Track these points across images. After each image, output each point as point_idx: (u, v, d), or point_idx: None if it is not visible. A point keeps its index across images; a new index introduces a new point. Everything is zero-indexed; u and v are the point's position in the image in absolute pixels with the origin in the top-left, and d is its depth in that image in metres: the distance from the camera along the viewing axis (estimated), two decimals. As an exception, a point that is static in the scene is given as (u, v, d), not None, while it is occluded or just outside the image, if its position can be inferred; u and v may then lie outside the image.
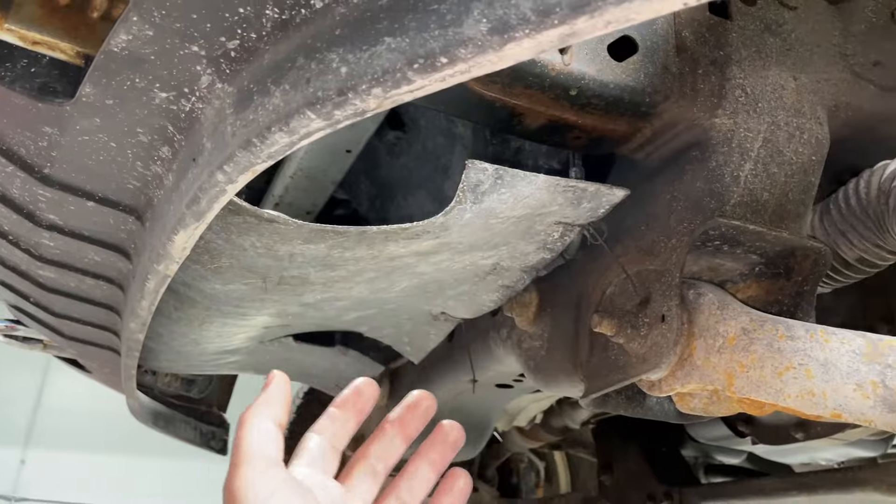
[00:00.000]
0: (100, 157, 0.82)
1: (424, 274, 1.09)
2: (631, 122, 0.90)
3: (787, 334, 0.83)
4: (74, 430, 8.61)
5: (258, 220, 0.83)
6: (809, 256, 0.92)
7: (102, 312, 1.32)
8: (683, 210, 0.91)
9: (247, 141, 0.62)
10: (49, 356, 2.15)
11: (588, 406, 1.02)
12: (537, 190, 0.86)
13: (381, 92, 0.54)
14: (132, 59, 0.67)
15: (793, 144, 0.93)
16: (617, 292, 0.99)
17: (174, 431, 2.08)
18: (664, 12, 0.46)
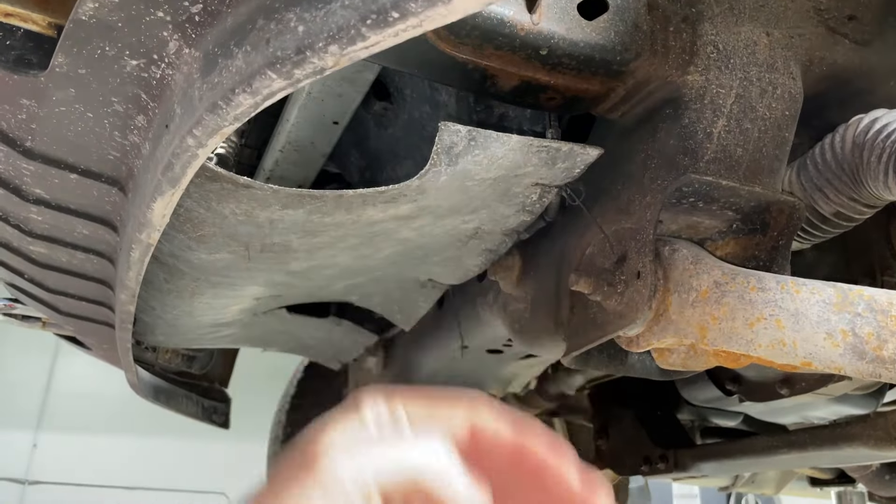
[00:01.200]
0: (78, 128, 0.84)
1: (408, 240, 1.10)
2: (604, 81, 0.91)
3: (758, 286, 0.84)
4: (85, 413, 8.71)
5: (235, 186, 0.84)
6: (784, 211, 0.93)
7: (95, 287, 1.34)
8: (657, 168, 0.92)
9: (213, 104, 0.64)
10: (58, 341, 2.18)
11: (570, 364, 1.04)
12: (511, 151, 0.87)
13: (338, 49, 0.55)
14: (101, 27, 0.67)
15: (766, 100, 0.93)
16: (596, 252, 1.00)
17: (176, 406, 2.11)
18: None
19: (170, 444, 8.74)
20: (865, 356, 0.80)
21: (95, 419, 8.74)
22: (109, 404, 8.27)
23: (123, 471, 8.85)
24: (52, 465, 8.69)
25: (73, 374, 8.63)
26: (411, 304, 1.39)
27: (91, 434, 8.85)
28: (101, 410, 8.56)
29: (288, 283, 1.23)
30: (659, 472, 1.90)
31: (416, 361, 1.58)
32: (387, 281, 1.30)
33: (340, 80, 1.46)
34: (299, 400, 2.47)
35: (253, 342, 1.77)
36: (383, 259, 1.17)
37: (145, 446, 8.89)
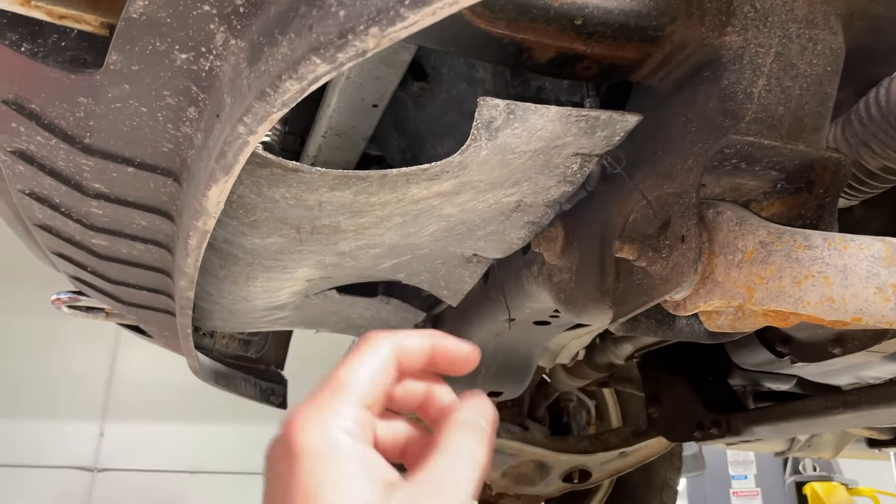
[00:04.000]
0: (133, 122, 0.87)
1: (451, 216, 1.12)
2: (640, 48, 0.91)
3: (804, 244, 0.84)
4: (147, 401, 9.01)
5: (284, 171, 0.87)
6: (829, 168, 0.93)
7: (155, 276, 1.39)
8: (698, 131, 0.92)
9: (261, 92, 0.66)
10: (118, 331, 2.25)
11: (618, 331, 1.05)
12: (550, 122, 0.89)
13: (378, 31, 0.57)
14: (151, 24, 0.71)
15: (806, 56, 0.92)
16: (639, 219, 1.01)
17: (235, 388, 2.18)
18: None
19: (228, 429, 9.00)
20: (917, 309, 0.80)
21: (157, 406, 9.04)
22: (170, 392, 8.55)
23: (186, 455, 9.15)
24: (118, 453, 9.03)
25: (134, 364, 8.91)
26: (457, 280, 1.41)
27: (154, 421, 9.17)
28: (163, 398, 8.84)
29: (337, 263, 1.27)
30: (712, 438, 1.90)
31: (464, 335, 1.60)
32: (432, 258, 1.33)
33: (378, 63, 1.49)
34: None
35: (306, 324, 1.82)
36: (428, 236, 1.20)
37: (205, 431, 9.17)
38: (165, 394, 8.82)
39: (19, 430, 8.60)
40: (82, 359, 9.00)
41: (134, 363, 8.92)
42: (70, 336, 8.64)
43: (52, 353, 8.84)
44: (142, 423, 9.21)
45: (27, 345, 8.67)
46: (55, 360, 8.87)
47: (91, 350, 8.96)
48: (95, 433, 9.11)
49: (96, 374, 9.10)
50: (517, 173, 1.01)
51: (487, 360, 1.66)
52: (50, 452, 8.74)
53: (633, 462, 2.30)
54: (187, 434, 9.27)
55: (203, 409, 8.65)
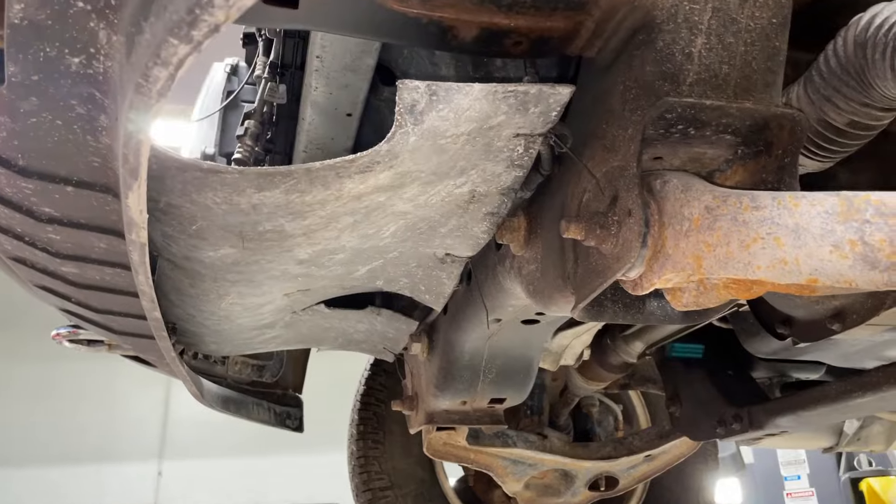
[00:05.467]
0: (54, 137, 0.86)
1: (407, 213, 1.09)
2: (567, 17, 0.87)
3: (752, 205, 0.78)
4: (204, 438, 9.14)
5: (203, 173, 0.85)
6: (785, 126, 0.87)
7: (135, 301, 1.38)
8: (636, 98, 0.87)
9: (137, 84, 0.64)
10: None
11: (581, 317, 1.00)
12: (476, 100, 0.85)
13: (224, 2, 0.54)
14: (34, 28, 0.69)
15: (747, 9, 0.87)
16: (591, 197, 0.96)
17: (247, 414, 2.17)
18: None
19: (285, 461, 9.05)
20: (879, 265, 0.73)
21: (213, 443, 9.16)
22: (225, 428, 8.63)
23: (246, 490, 9.23)
24: (177, 491, 9.16)
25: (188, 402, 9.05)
26: (436, 283, 1.37)
27: (210, 458, 9.28)
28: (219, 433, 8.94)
29: (305, 273, 1.24)
30: (735, 433, 1.80)
31: (456, 342, 1.56)
32: (405, 261, 1.29)
33: (343, 71, 1.47)
34: (368, 398, 2.50)
35: (302, 342, 1.80)
36: (391, 237, 1.16)
37: (261, 465, 9.24)
38: (220, 430, 8.92)
39: (81, 473, 8.80)
40: (138, 400, 9.21)
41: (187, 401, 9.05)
42: (125, 378, 8.84)
43: (110, 397, 9.06)
44: (199, 461, 9.34)
45: (86, 389, 8.91)
46: (113, 403, 9.09)
47: (146, 391, 9.15)
48: (154, 473, 9.26)
49: (152, 415, 9.28)
50: (460, 160, 0.97)
51: (484, 366, 1.61)
52: (111, 493, 8.91)
53: (661, 465, 2.20)
54: (244, 469, 9.36)
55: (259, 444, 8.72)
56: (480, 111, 0.86)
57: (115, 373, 8.54)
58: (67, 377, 8.72)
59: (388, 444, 2.42)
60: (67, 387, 8.75)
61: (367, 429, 2.42)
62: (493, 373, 1.62)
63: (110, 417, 9.05)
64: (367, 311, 1.63)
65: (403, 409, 1.85)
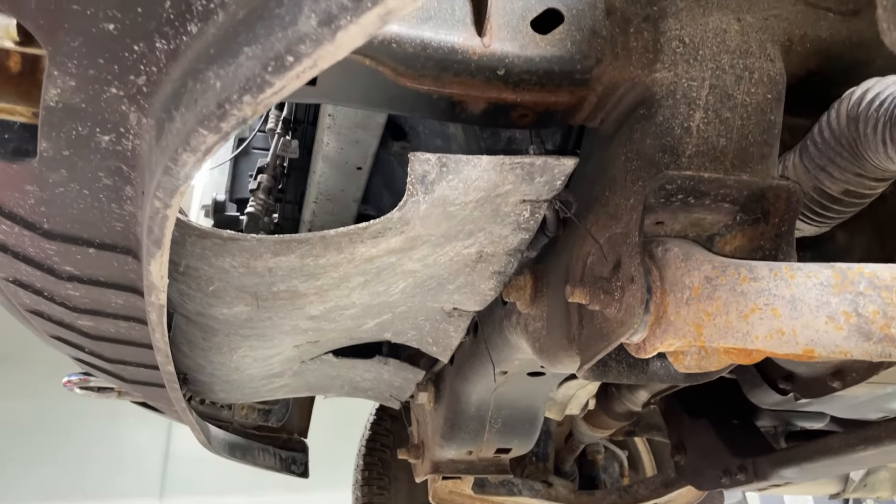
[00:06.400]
0: (80, 205, 0.90)
1: (416, 272, 1.12)
2: (572, 92, 0.91)
3: (749, 276, 0.81)
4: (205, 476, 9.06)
5: (223, 241, 0.88)
6: (781, 196, 0.90)
7: (147, 352, 1.41)
8: (638, 169, 0.91)
9: (166, 167, 0.68)
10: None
11: (586, 377, 1.02)
12: (484, 171, 0.89)
13: (251, 98, 0.58)
14: (68, 110, 0.74)
15: (743, 86, 0.91)
16: (595, 261, 0.99)
17: (252, 460, 2.18)
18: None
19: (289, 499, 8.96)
20: (872, 336, 0.76)
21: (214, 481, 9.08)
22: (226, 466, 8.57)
23: (245, 529, 9.12)
24: (177, 529, 9.05)
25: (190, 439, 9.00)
26: (443, 335, 1.40)
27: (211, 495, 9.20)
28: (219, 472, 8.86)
29: (315, 327, 1.27)
30: (739, 484, 1.81)
31: (462, 392, 1.58)
32: (413, 314, 1.32)
33: (354, 128, 1.52)
34: (373, 443, 2.50)
35: (310, 389, 1.82)
36: (400, 293, 1.19)
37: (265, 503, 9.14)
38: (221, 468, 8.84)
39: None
40: (139, 437, 9.15)
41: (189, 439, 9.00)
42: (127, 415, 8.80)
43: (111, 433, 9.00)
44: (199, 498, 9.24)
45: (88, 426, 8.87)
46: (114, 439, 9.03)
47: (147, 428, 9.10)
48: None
49: (153, 452, 9.22)
50: (468, 224, 1.00)
51: (490, 416, 1.62)
52: (111, 531, 8.81)
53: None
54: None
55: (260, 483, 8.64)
56: (488, 181, 0.90)
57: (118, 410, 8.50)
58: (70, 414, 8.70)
59: (394, 490, 2.42)
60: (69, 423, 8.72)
61: (373, 475, 2.42)
62: (498, 423, 1.64)
63: (112, 454, 8.99)
64: (375, 360, 1.66)
65: (409, 457, 1.86)
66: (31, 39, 0.72)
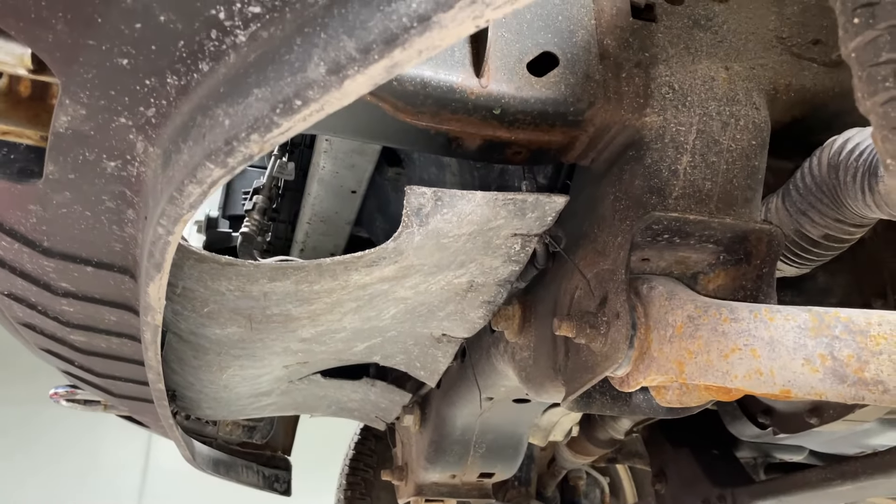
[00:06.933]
0: (81, 225, 0.92)
1: (407, 299, 1.14)
2: (564, 132, 0.94)
3: (730, 317, 0.84)
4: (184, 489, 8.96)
5: (220, 265, 0.91)
6: (763, 239, 0.93)
7: (137, 368, 1.42)
8: (625, 209, 0.94)
9: (170, 196, 0.70)
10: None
11: (570, 408, 1.05)
12: (477, 206, 0.91)
13: (259, 137, 0.61)
14: (77, 136, 0.76)
15: (729, 132, 0.94)
16: (582, 295, 1.02)
17: (236, 477, 2.18)
18: (463, 35, 0.51)
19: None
20: (847, 379, 0.79)
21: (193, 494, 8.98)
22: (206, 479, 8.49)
23: (222, 544, 9.01)
24: (153, 543, 8.93)
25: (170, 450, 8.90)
26: (431, 360, 1.42)
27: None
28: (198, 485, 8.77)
29: (306, 349, 1.29)
30: (719, 515, 1.83)
31: (448, 416, 1.60)
32: (402, 339, 1.34)
33: (350, 153, 1.55)
34: (357, 462, 2.51)
35: (297, 409, 1.83)
36: (391, 319, 1.22)
37: (241, 518, 9.04)
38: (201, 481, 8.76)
39: (57, 521, 8.59)
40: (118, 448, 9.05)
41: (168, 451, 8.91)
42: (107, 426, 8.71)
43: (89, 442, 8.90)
44: (174, 514, 9.13)
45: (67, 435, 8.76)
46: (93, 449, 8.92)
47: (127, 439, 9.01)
48: (130, 523, 9.05)
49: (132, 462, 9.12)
50: (460, 255, 1.03)
51: (475, 440, 1.64)
52: (86, 544, 8.69)
53: (647, 542, 2.21)
54: (223, 522, 9.16)
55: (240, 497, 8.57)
56: (482, 215, 0.93)
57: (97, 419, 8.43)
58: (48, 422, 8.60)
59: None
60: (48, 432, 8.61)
61: (355, 494, 2.43)
62: (483, 448, 1.66)
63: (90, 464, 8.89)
64: (363, 381, 1.68)
65: (393, 479, 1.87)
66: (44, 68, 0.74)
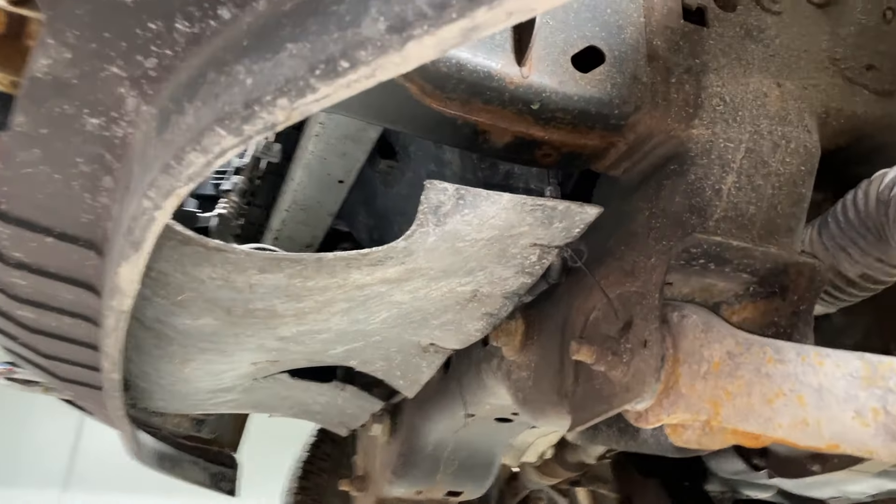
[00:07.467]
0: (47, 189, 0.80)
1: (403, 303, 1.04)
2: (603, 136, 0.86)
3: (776, 357, 0.76)
4: (112, 473, 8.65)
5: (207, 250, 0.79)
6: (804, 273, 0.86)
7: (87, 352, 1.29)
8: (663, 227, 0.85)
9: (166, 164, 0.59)
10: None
11: (576, 440, 0.96)
12: (503, 210, 0.82)
13: (287, 103, 0.50)
14: (57, 85, 0.64)
15: (779, 154, 0.87)
16: (601, 317, 0.93)
17: (181, 473, 2.04)
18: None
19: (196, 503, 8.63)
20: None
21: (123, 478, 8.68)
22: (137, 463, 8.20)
23: (150, 531, 8.74)
24: (77, 526, 8.61)
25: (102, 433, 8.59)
26: (414, 370, 1.32)
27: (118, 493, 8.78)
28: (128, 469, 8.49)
29: (282, 348, 1.18)
30: (686, 549, 1.77)
31: (422, 429, 1.50)
32: (387, 345, 1.24)
33: (344, 139, 1.44)
34: (310, 465, 2.39)
35: (256, 407, 1.71)
36: (380, 323, 1.11)
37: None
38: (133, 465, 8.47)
39: (-24, 497, 8.22)
40: (47, 425, 8.70)
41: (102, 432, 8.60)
42: (35, 401, 8.37)
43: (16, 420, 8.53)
44: (106, 495, 8.82)
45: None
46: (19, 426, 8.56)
47: (57, 416, 8.67)
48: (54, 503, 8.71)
49: (61, 442, 8.78)
50: (471, 262, 0.93)
51: (447, 457, 1.55)
52: (5, 523, 8.33)
53: (605, 569, 2.15)
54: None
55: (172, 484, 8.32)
56: (505, 220, 0.84)
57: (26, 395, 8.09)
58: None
59: (328, 520, 2.31)
60: (-29, 406, 8.22)
61: (306, 499, 2.30)
62: (454, 465, 1.56)
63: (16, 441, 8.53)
64: (332, 385, 1.57)
65: (352, 489, 1.76)
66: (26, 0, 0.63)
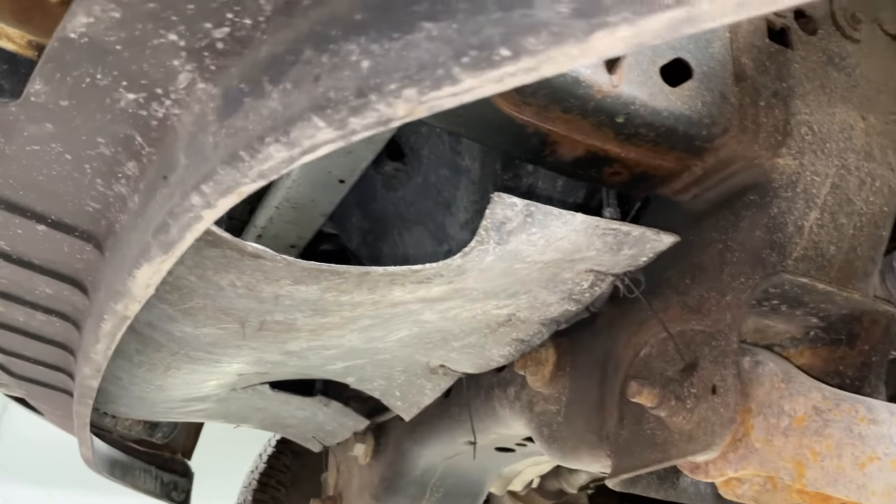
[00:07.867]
0: (52, 171, 0.68)
1: (428, 322, 0.95)
2: (681, 158, 0.78)
3: (868, 416, 0.70)
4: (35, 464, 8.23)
5: (240, 255, 0.68)
6: (879, 322, 0.80)
7: (55, 351, 1.16)
8: (740, 263, 0.78)
9: (232, 155, 0.49)
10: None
11: (617, 486, 0.88)
12: (573, 231, 0.73)
13: (416, 94, 0.41)
14: (93, 49, 0.53)
15: (864, 192, 0.81)
16: (654, 354, 0.85)
17: (132, 482, 1.89)
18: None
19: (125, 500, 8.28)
20: None
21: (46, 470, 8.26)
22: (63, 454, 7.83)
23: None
24: (-6, 520, 8.17)
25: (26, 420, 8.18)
26: (416, 392, 1.22)
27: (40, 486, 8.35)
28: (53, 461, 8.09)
29: (281, 361, 1.07)
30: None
31: (410, 453, 1.40)
32: (392, 363, 1.14)
33: (352, 136, 1.33)
34: (268, 478, 2.25)
35: (227, 418, 1.59)
36: (395, 342, 1.02)
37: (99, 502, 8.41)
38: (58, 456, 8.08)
39: None
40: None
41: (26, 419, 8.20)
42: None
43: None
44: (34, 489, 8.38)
45: None
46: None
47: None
48: (-33, 495, 8.25)
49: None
50: (518, 284, 0.85)
51: (433, 483, 1.45)
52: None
53: None
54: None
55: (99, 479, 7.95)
56: (574, 243, 0.75)
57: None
58: None
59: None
60: None
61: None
62: (440, 492, 1.47)
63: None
64: (316, 399, 1.46)
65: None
66: (65, -62, 0.52)
